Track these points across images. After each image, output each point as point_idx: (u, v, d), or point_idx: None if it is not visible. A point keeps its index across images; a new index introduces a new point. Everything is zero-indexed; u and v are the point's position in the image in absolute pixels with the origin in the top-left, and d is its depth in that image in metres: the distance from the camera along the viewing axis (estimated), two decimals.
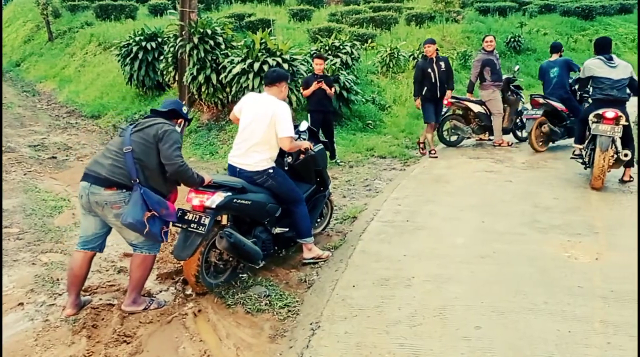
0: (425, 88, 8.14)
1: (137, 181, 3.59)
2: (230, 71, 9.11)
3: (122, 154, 3.63)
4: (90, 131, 11.31)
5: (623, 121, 6.06)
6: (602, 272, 4.11)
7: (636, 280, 3.93)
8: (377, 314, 3.60)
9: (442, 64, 8.12)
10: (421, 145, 8.62)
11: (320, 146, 4.99)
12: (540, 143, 8.31)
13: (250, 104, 4.45)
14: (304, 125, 4.99)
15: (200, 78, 9.53)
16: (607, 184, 6.38)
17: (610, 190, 6.31)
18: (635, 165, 6.57)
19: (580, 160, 6.70)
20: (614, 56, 6.34)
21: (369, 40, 16.13)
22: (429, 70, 8.07)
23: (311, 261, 4.65)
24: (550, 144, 8.48)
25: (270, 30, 13.02)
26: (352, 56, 11.98)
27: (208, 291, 4.02)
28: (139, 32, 12.15)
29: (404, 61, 14.04)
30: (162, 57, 11.09)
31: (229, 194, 3.97)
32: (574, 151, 6.83)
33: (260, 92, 8.80)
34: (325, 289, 4.06)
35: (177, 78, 10.37)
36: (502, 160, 7.83)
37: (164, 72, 10.86)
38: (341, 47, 11.91)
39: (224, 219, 4.05)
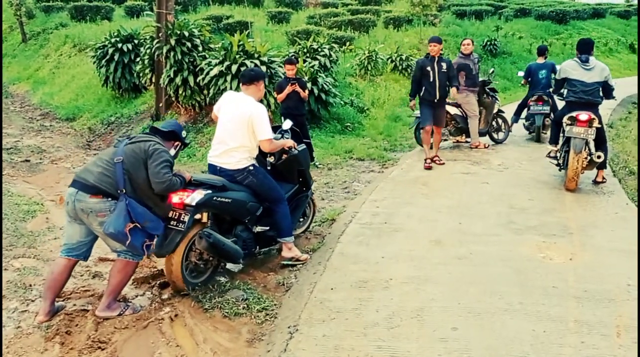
0: (424, 88, 7.57)
1: (124, 191, 3.59)
2: (207, 73, 9.06)
3: (112, 163, 3.65)
4: (65, 134, 11.14)
5: (596, 124, 6.17)
6: (576, 273, 4.17)
7: (610, 280, 4.00)
8: (355, 316, 3.60)
9: (444, 65, 7.54)
10: (428, 160, 7.69)
11: (303, 146, 4.97)
12: (544, 133, 9.19)
13: (228, 103, 4.46)
14: (288, 123, 5.00)
15: (178, 80, 9.47)
16: (580, 185, 6.49)
17: (584, 191, 6.42)
18: (608, 167, 6.69)
19: (555, 162, 6.80)
20: (591, 58, 6.37)
21: (347, 43, 16.20)
22: (428, 68, 7.48)
23: (290, 262, 4.65)
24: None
25: (248, 33, 12.97)
26: (331, 59, 12.02)
27: (188, 292, 3.99)
28: (115, 34, 12.02)
29: (382, 64, 14.13)
30: (138, 59, 10.99)
31: (209, 191, 3.98)
32: (549, 152, 6.93)
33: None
34: (304, 292, 4.04)
35: (153, 80, 10.28)
36: (479, 162, 7.91)
37: (141, 74, 10.76)
38: (319, 49, 11.95)
39: (205, 217, 4.03)
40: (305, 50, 11.93)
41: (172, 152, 3.96)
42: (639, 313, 3.50)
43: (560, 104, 7.08)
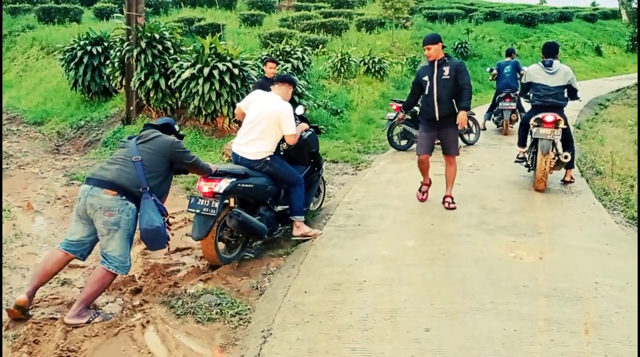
0: (421, 103, 6.01)
1: (147, 188, 3.80)
2: (179, 76, 8.98)
3: (131, 162, 3.81)
4: (33, 138, 10.90)
5: (562, 124, 6.31)
6: (546, 272, 4.25)
7: (578, 278, 4.09)
8: (329, 319, 3.60)
9: (446, 70, 5.64)
10: (424, 186, 6.27)
11: (311, 131, 5.59)
12: (511, 127, 10.47)
13: (259, 100, 5.01)
14: (300, 109, 5.59)
15: (149, 83, 9.35)
16: (549, 185, 6.62)
17: (553, 191, 6.55)
18: (576, 167, 6.84)
19: (524, 163, 6.93)
20: (555, 62, 6.53)
21: (320, 46, 16.25)
22: (426, 78, 5.76)
23: (299, 238, 5.16)
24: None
25: (220, 35, 12.90)
26: (304, 61, 12.03)
27: (223, 265, 4.63)
28: (84, 36, 11.80)
29: (355, 67, 14.20)
30: (108, 62, 10.82)
31: (234, 180, 4.57)
32: (518, 155, 7.07)
33: (210, 97, 8.77)
34: (277, 296, 4.03)
35: (124, 83, 10.14)
36: None
37: (111, 77, 10.60)
38: (292, 52, 11.95)
39: (232, 202, 4.62)
40: (278, 53, 11.91)
41: None
42: (639, 313, 3.58)
43: (526, 104, 7.26)
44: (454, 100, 5.64)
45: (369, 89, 13.95)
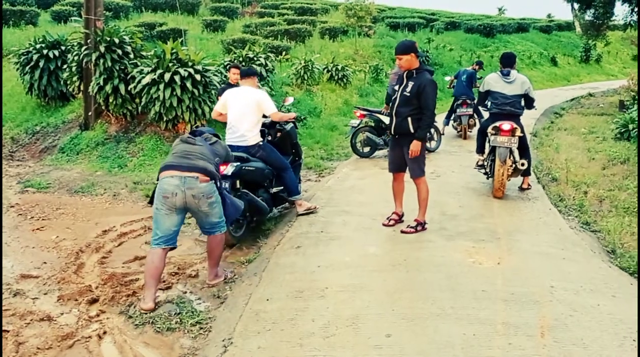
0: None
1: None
2: (139, 81, 8.82)
3: (213, 161, 4.28)
4: None
5: (518, 133, 6.48)
6: (504, 276, 4.33)
7: (534, 282, 4.19)
8: (291, 326, 3.58)
9: (410, 85, 5.11)
10: (394, 215, 5.71)
11: (291, 124, 6.30)
12: (469, 131, 11.01)
13: (234, 96, 5.69)
14: (290, 100, 6.53)
15: (108, 88, 9.15)
16: (507, 192, 6.77)
17: (511, 197, 6.71)
18: (532, 174, 7.02)
19: (483, 171, 7.08)
20: (512, 71, 6.73)
21: (284, 53, 16.24)
22: (396, 87, 5.38)
23: (305, 212, 5.94)
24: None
25: (182, 41, 12.76)
26: (267, 68, 12.01)
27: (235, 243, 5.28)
28: (40, 39, 11.46)
29: (318, 74, 14.25)
30: (65, 66, 10.52)
31: (239, 163, 5.20)
32: (477, 162, 7.21)
33: (172, 103, 8.65)
34: (239, 304, 3.99)
35: (82, 88, 9.89)
36: None
37: (68, 82, 10.31)
38: (255, 58, 11.91)
39: (238, 183, 5.22)
40: (240, 59, 11.86)
41: None
42: (639, 313, 3.66)
43: (483, 112, 7.45)
44: (409, 119, 5.15)
45: (332, 96, 14.02)
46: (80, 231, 5.79)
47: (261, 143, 5.70)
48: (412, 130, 5.18)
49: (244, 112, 5.57)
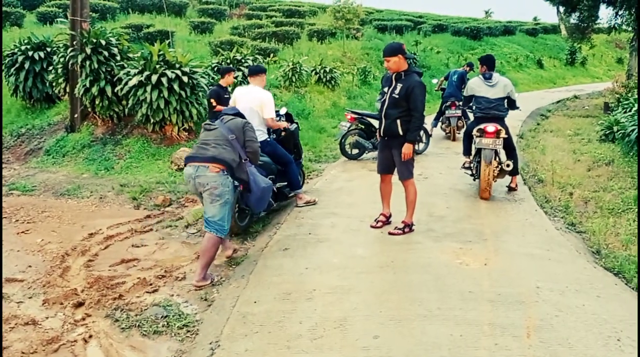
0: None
1: (247, 159, 4.65)
2: (126, 83, 8.77)
3: (228, 141, 4.52)
4: None
5: (503, 134, 6.55)
6: (490, 277, 4.36)
7: (521, 283, 4.21)
8: (278, 329, 3.57)
9: (399, 87, 5.10)
10: (381, 216, 5.70)
11: (295, 125, 6.75)
12: (458, 133, 10.91)
13: (243, 94, 6.01)
14: (284, 110, 6.74)
15: (94, 90, 9.10)
16: (494, 193, 6.82)
17: (498, 199, 6.75)
18: (519, 176, 7.07)
19: (469, 173, 7.12)
20: (494, 74, 6.82)
21: (272, 55, 16.24)
22: (385, 89, 5.39)
23: (304, 205, 6.34)
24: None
25: (170, 42, 12.70)
26: None
27: (240, 232, 5.62)
28: (26, 41, 11.36)
29: (306, 76, 14.25)
30: (51, 68, 10.45)
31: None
32: (464, 163, 7.26)
33: (159, 105, 8.60)
34: (226, 307, 3.97)
35: (68, 90, 9.82)
36: None
37: (54, 84, 10.25)
38: (243, 60, 11.88)
39: None
40: (228, 61, 11.83)
41: None
42: (639, 313, 3.69)
43: (470, 113, 7.51)
44: (398, 121, 5.14)
45: (320, 99, 14.03)
46: (66, 234, 5.74)
47: (269, 139, 6.08)
48: (401, 133, 5.17)
49: (252, 109, 5.82)
